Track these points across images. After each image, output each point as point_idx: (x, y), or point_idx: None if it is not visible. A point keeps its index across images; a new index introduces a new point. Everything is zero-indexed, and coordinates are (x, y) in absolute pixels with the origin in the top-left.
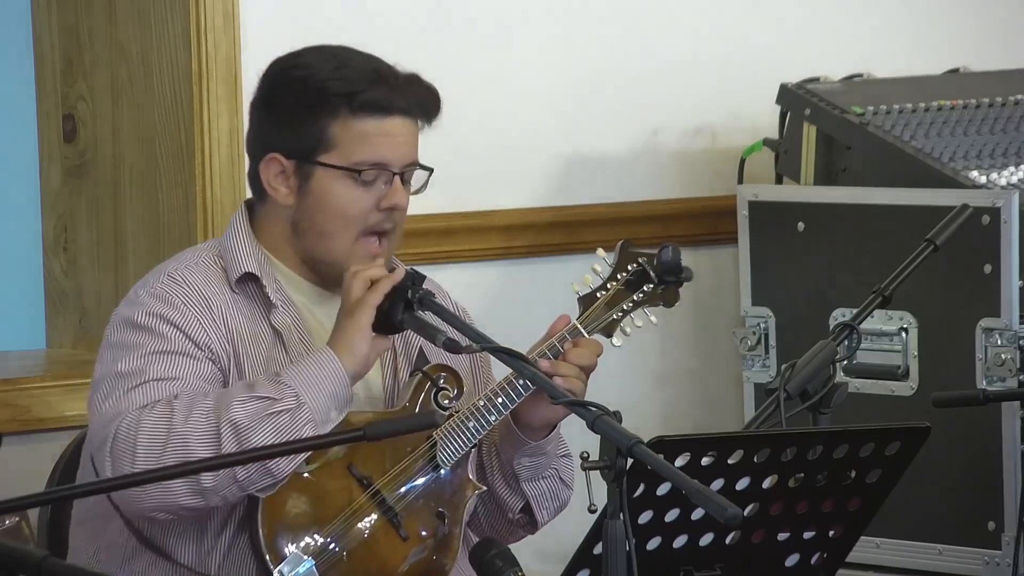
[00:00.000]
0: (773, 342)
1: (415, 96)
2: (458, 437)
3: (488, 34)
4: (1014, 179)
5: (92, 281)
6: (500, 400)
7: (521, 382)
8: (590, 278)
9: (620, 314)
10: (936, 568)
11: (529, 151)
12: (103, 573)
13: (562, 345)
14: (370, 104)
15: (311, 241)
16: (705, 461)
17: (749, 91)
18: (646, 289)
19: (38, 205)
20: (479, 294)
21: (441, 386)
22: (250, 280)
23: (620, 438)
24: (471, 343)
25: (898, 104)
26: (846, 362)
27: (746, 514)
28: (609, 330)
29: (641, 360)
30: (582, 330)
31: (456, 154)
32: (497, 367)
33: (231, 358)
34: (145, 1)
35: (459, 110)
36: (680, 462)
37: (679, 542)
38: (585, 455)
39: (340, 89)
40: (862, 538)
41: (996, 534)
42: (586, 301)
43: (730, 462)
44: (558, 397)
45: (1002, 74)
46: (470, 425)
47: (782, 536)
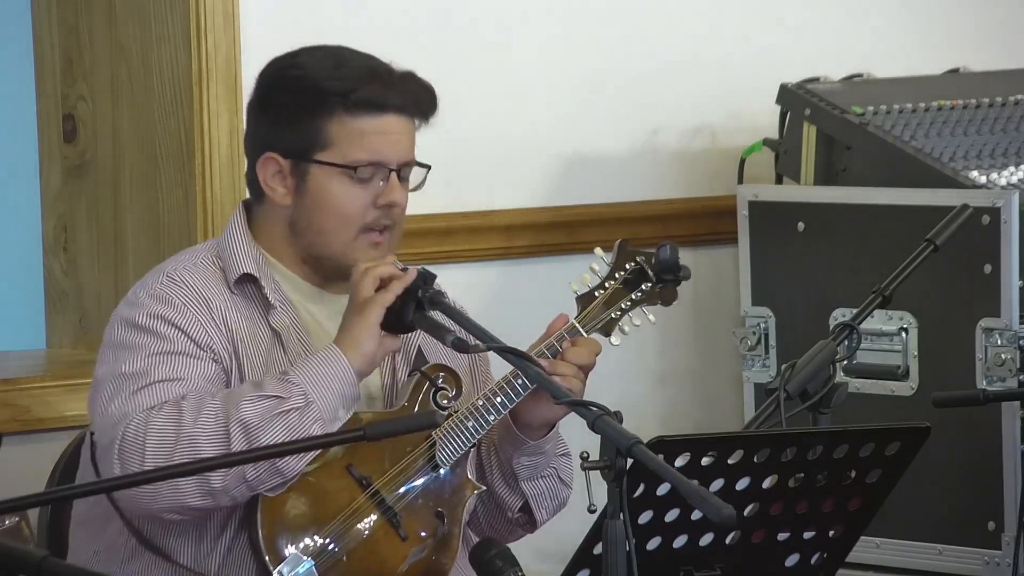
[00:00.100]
0: (773, 342)
1: (411, 94)
2: (457, 437)
3: (488, 34)
4: (1014, 179)
5: (92, 281)
6: (499, 400)
7: (520, 381)
8: (588, 277)
9: (618, 313)
10: (936, 568)
11: (529, 151)
12: (103, 573)
13: (560, 344)
14: (366, 102)
15: (310, 240)
16: (705, 461)
17: (749, 91)
18: (644, 288)
19: (38, 205)
20: (479, 294)
21: (440, 386)
22: (248, 281)
23: (619, 438)
24: (478, 343)
25: (898, 104)
26: (846, 362)
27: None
28: (607, 329)
29: (641, 360)
30: (580, 329)
31: (456, 154)
32: (496, 366)
33: (232, 358)
34: (145, 1)
35: (459, 110)
36: (680, 462)
37: (679, 542)
38: (585, 455)
39: (336, 88)
40: (862, 538)
41: (996, 534)
42: (584, 300)
43: (730, 462)
44: (561, 397)
45: (1002, 74)
46: (469, 425)
47: (782, 536)
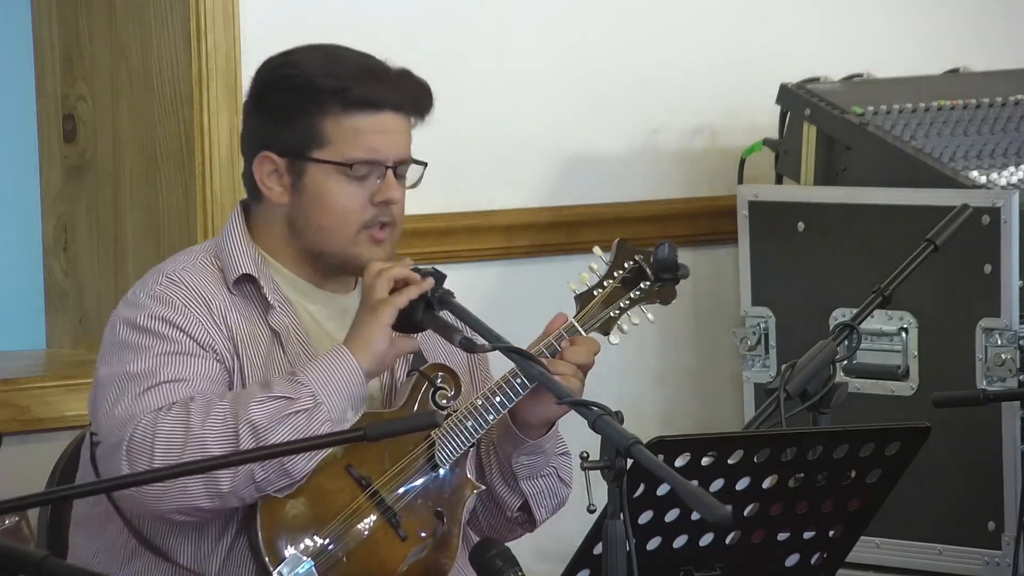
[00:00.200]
0: (773, 342)
1: (406, 91)
2: (456, 436)
3: (488, 34)
4: (1014, 179)
5: (92, 281)
6: (498, 399)
7: (519, 380)
8: (587, 276)
9: (617, 312)
10: (936, 568)
11: (529, 151)
12: (103, 573)
13: (559, 343)
14: (361, 100)
15: (310, 238)
16: (705, 461)
17: (749, 91)
18: (643, 286)
19: (38, 205)
20: (479, 294)
21: (439, 385)
22: (247, 281)
23: (619, 438)
24: (485, 343)
25: (898, 104)
26: (846, 362)
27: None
28: (606, 328)
29: (641, 360)
30: (579, 328)
31: (456, 154)
32: (495, 366)
33: (233, 357)
34: (145, 1)
35: (459, 110)
36: (680, 462)
37: (679, 542)
38: (585, 455)
39: (331, 85)
40: (862, 538)
41: (996, 534)
42: (583, 299)
43: (730, 462)
44: (564, 397)
45: (1002, 74)
46: (468, 424)
47: (782, 536)
